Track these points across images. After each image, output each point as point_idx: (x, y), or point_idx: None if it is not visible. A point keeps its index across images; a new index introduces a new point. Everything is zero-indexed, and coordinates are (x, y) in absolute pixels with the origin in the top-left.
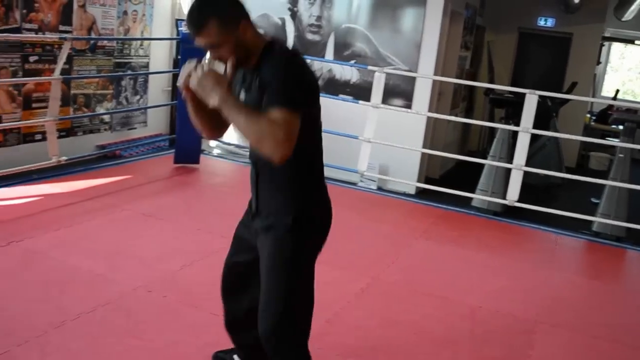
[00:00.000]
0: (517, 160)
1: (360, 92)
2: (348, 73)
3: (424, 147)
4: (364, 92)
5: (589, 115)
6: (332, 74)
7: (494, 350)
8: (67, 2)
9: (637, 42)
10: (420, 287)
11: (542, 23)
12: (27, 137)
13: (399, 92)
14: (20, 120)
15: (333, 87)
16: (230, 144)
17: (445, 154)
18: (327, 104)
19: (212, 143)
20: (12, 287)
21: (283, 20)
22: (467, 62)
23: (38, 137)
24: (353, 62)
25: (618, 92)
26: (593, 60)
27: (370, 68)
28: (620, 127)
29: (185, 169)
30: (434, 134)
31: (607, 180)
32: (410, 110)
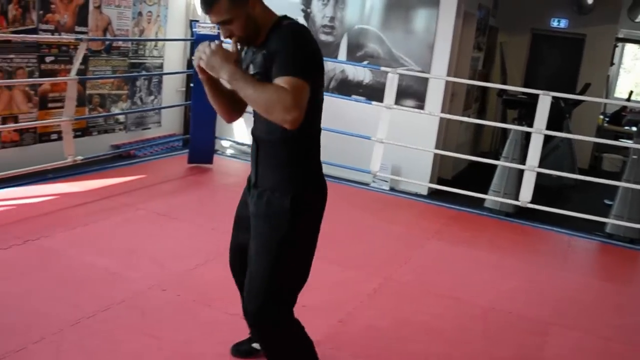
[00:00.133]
0: (530, 162)
1: (373, 92)
2: (361, 74)
3: (437, 147)
4: (377, 92)
5: (602, 117)
6: (344, 75)
7: (506, 351)
8: (83, 3)
9: None
10: (433, 287)
11: (555, 24)
12: (42, 136)
13: (412, 92)
14: (37, 120)
15: (346, 87)
16: (244, 144)
17: (458, 155)
18: (340, 105)
19: (225, 143)
20: (28, 285)
21: None
22: (479, 63)
23: (54, 136)
24: (366, 62)
25: (632, 93)
26: (606, 62)
27: (383, 69)
28: (634, 128)
29: (199, 169)
30: (447, 135)
31: (620, 182)
32: (423, 111)
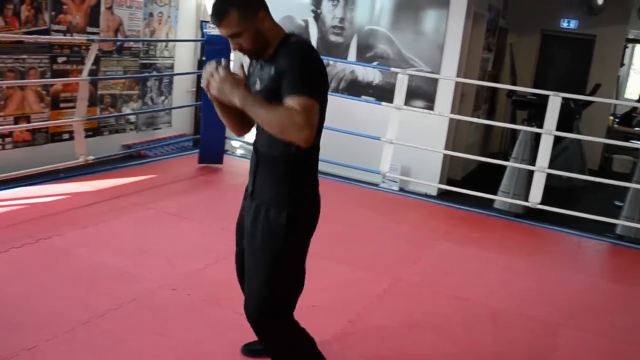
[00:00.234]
0: (540, 163)
1: (383, 93)
2: (370, 74)
3: (446, 148)
4: (387, 93)
5: (612, 118)
6: (354, 76)
7: (516, 353)
8: (94, 4)
9: None
10: (442, 288)
11: (565, 25)
12: (54, 136)
13: (421, 93)
14: (49, 120)
15: (355, 88)
16: (252, 145)
17: (468, 156)
18: (349, 105)
19: (235, 143)
20: (40, 283)
21: (306, 22)
22: (489, 63)
23: (65, 136)
24: (375, 63)
25: None
26: (616, 62)
27: (393, 70)
28: None
29: (209, 169)
30: (456, 136)
31: (630, 183)
32: (433, 112)
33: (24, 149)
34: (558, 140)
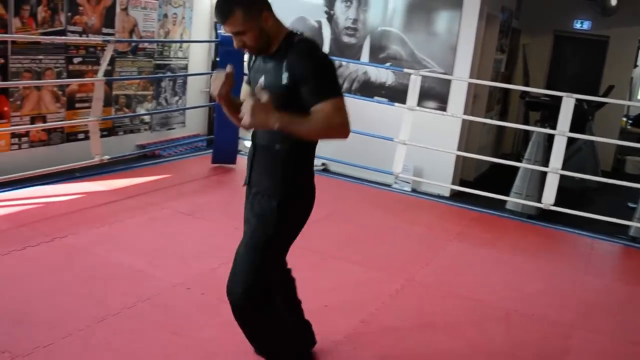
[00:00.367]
0: (553, 164)
1: (396, 94)
2: (383, 75)
3: (459, 149)
4: (399, 94)
5: (625, 119)
6: (367, 77)
7: (529, 354)
8: (110, 5)
9: None
10: (455, 289)
11: (578, 26)
12: (70, 136)
13: (434, 94)
14: (64, 120)
15: (368, 89)
16: None
17: (480, 157)
18: (362, 106)
19: (248, 144)
20: (56, 281)
21: (319, 23)
22: (502, 65)
23: (81, 136)
24: (388, 64)
25: None
26: (630, 64)
27: (407, 70)
28: None
29: (223, 169)
30: (469, 137)
31: None
32: (446, 113)
33: (40, 149)
34: (571, 142)
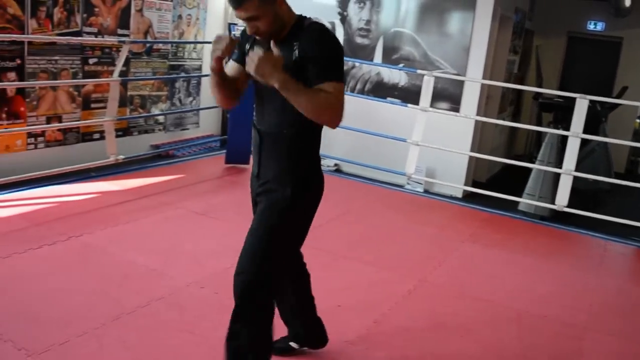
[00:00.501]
0: (566, 165)
1: (408, 95)
2: (396, 76)
3: (472, 150)
4: (412, 95)
5: (639, 120)
6: (380, 77)
7: (541, 356)
8: (125, 6)
9: None
10: (467, 290)
11: (591, 27)
12: (85, 136)
13: (447, 95)
14: (80, 120)
15: (381, 90)
16: None
17: (493, 158)
18: (375, 107)
19: None
20: (71, 280)
21: (333, 24)
22: (515, 66)
23: (96, 136)
24: (401, 65)
25: None
26: None
27: (420, 72)
28: None
29: (236, 169)
30: (481, 138)
31: None
32: (459, 114)
33: (56, 148)
34: (584, 143)
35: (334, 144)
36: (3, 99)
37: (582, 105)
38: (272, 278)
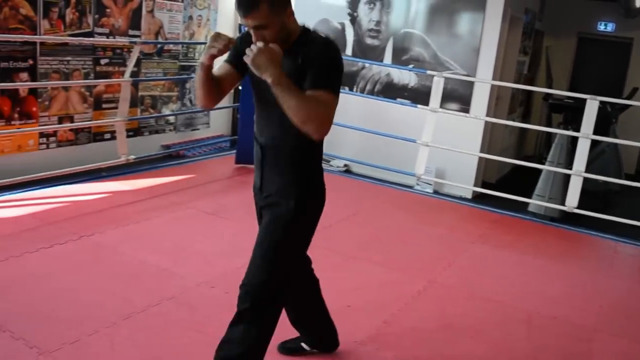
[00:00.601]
0: (576, 166)
1: (418, 96)
2: (406, 77)
3: (481, 151)
4: (422, 96)
5: None
6: (390, 78)
7: (551, 358)
8: (136, 7)
9: None
10: (477, 291)
11: (601, 28)
12: (96, 136)
13: (457, 96)
14: (91, 120)
15: (391, 91)
16: None
17: (503, 159)
18: (385, 108)
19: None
20: (83, 279)
21: (343, 25)
22: (525, 67)
23: (107, 136)
24: (411, 66)
25: None
26: None
27: (430, 72)
28: None
29: (246, 169)
30: (491, 139)
31: None
32: (469, 115)
33: (68, 148)
34: (594, 144)
35: (344, 145)
36: (16, 99)
37: (592, 106)
38: (277, 291)
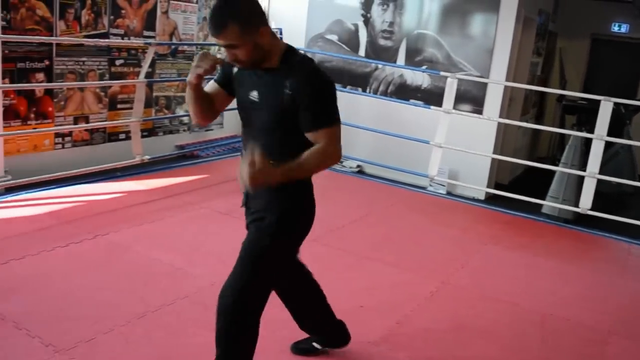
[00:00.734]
0: (590, 168)
1: (431, 97)
2: (419, 78)
3: (494, 152)
4: (435, 97)
5: None
6: (403, 79)
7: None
8: (151, 9)
9: None
10: (490, 292)
11: (615, 29)
12: (111, 136)
13: (470, 97)
14: (106, 121)
15: (404, 92)
16: None
17: (517, 160)
18: (398, 109)
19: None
20: (98, 277)
21: (356, 26)
22: (538, 68)
23: (122, 136)
24: (424, 67)
25: None
26: None
27: (443, 74)
28: None
29: None
30: (504, 140)
31: None
32: (482, 116)
33: (83, 148)
34: (608, 146)
35: (357, 146)
36: (32, 100)
37: (606, 108)
38: (254, 302)
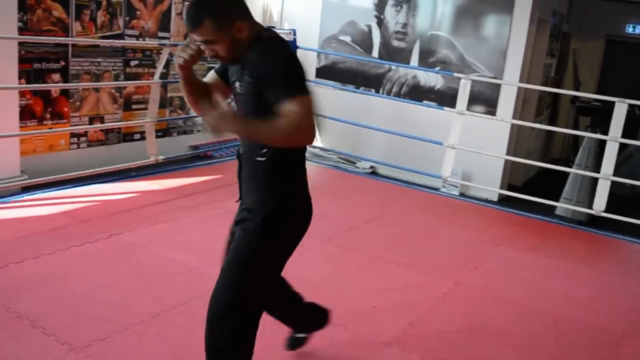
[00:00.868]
0: (604, 170)
1: (445, 98)
2: (432, 79)
3: (508, 154)
4: (448, 98)
5: None
6: (416, 80)
7: None
8: (166, 10)
9: None
10: (503, 293)
11: (630, 30)
12: (126, 136)
13: (483, 98)
14: (121, 121)
15: (418, 93)
16: (315, 147)
17: (530, 162)
18: (411, 110)
19: None
20: (113, 277)
21: (369, 27)
22: (552, 69)
23: (136, 136)
24: (438, 68)
25: None
26: None
27: (456, 75)
28: None
29: None
30: (517, 141)
31: None
32: (495, 117)
33: (98, 148)
34: (622, 148)
35: (370, 147)
36: (48, 100)
37: (621, 109)
38: (243, 310)
